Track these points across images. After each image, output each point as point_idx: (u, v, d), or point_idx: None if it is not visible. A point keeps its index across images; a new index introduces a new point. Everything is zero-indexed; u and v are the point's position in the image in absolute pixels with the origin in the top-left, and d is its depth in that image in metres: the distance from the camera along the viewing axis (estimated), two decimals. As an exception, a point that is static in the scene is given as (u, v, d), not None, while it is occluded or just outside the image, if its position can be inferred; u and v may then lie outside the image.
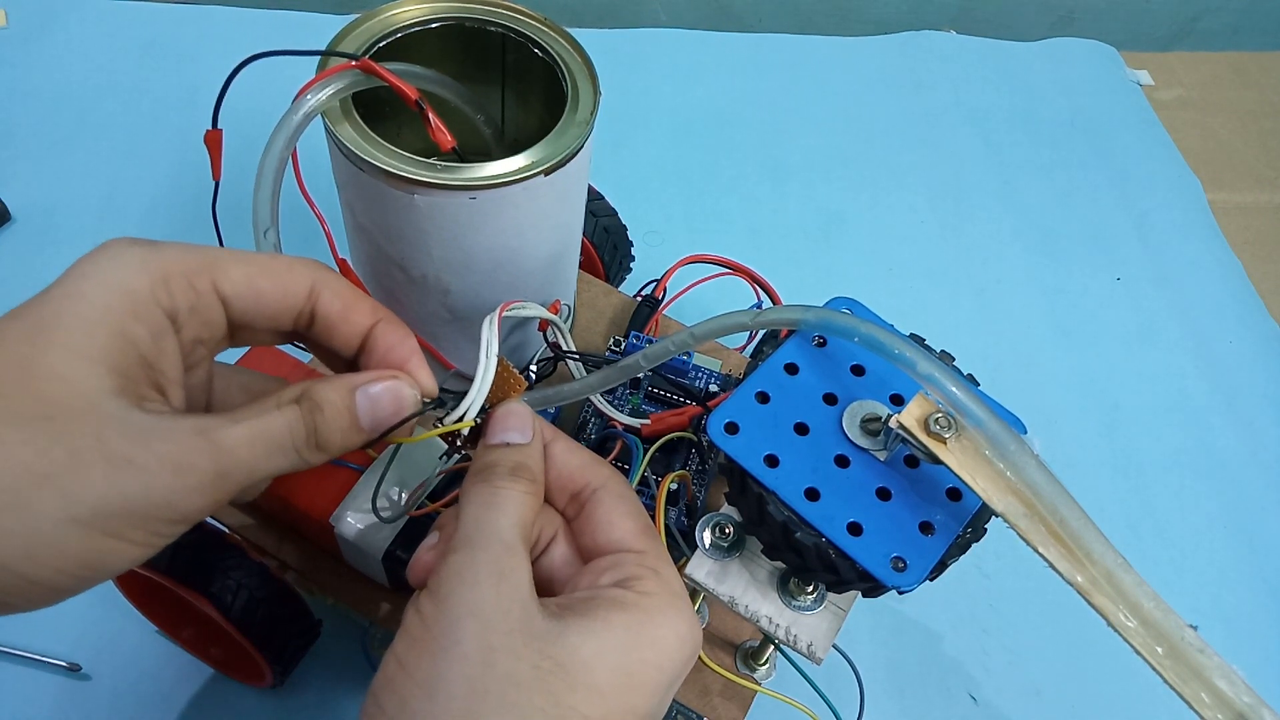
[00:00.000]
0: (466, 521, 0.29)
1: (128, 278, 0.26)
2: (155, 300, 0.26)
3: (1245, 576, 0.60)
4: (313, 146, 0.38)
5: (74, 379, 0.24)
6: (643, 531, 0.31)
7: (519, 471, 0.31)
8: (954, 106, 0.86)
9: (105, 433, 0.24)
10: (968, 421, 0.31)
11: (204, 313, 0.28)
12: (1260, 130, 0.89)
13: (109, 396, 0.24)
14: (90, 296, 0.25)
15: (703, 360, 0.48)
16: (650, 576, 0.29)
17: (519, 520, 0.29)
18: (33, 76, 0.72)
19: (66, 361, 0.24)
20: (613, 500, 0.32)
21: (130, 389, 0.25)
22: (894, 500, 0.32)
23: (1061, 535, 0.30)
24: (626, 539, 0.31)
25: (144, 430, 0.25)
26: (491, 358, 0.33)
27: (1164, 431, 0.66)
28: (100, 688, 0.48)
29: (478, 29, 0.42)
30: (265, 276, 0.29)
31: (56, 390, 0.24)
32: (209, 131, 0.36)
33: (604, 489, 0.32)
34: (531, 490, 0.30)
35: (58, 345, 0.24)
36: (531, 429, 0.32)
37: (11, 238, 0.63)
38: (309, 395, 0.28)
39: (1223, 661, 0.28)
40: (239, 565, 0.41)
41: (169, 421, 0.25)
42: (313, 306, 0.30)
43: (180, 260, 0.27)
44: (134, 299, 0.26)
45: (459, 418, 0.32)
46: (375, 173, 0.37)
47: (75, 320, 0.25)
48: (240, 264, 0.29)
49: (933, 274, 0.73)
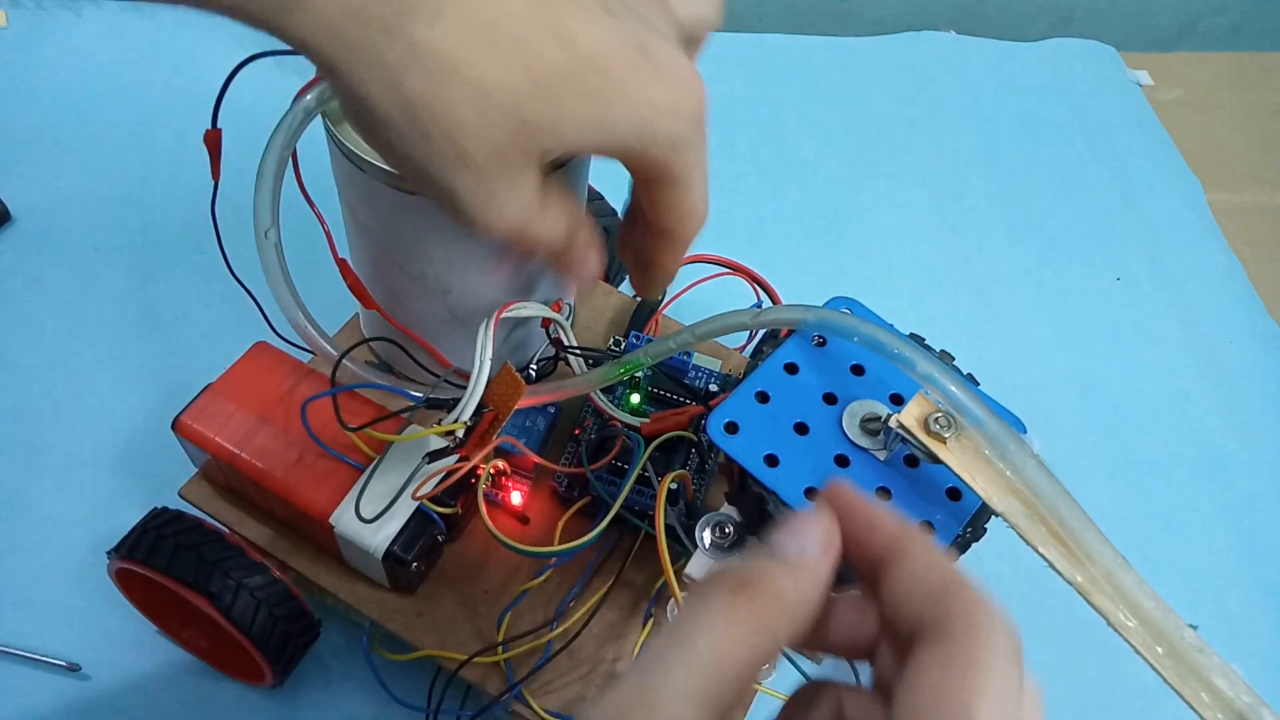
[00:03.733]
0: (642, 654, 0.21)
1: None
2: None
3: (1245, 576, 0.60)
4: (313, 146, 0.38)
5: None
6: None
7: (750, 590, 0.21)
8: (954, 106, 0.86)
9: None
10: (967, 421, 0.31)
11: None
12: (1260, 130, 0.89)
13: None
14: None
15: (703, 360, 0.48)
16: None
17: (709, 670, 0.20)
18: (32, 77, 0.72)
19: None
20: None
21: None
22: (894, 500, 0.32)
23: (1061, 535, 0.30)
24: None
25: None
26: (486, 360, 0.33)
27: (1163, 431, 0.66)
28: (100, 687, 0.47)
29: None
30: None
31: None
32: (209, 131, 0.36)
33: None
34: (756, 624, 0.21)
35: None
36: (817, 543, 0.23)
37: (12, 238, 0.63)
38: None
39: (1222, 661, 0.28)
40: (239, 565, 0.41)
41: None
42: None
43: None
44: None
45: (454, 419, 0.32)
46: (375, 172, 0.37)
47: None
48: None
49: (932, 274, 0.73)
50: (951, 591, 0.21)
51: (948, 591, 0.21)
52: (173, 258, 0.64)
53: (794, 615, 0.22)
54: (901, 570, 0.22)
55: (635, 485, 0.40)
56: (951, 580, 0.21)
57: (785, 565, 0.22)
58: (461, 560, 0.44)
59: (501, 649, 0.40)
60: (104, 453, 0.55)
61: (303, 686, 0.48)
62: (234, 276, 0.41)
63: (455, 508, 0.41)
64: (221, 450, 0.41)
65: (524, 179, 0.27)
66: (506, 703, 0.40)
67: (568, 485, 0.44)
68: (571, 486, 0.44)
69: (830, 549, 0.23)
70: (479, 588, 0.43)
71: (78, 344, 0.59)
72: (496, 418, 0.35)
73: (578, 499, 0.44)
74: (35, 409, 0.56)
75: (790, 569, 0.22)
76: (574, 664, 0.41)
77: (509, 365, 0.33)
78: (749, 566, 0.22)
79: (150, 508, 0.44)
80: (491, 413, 0.34)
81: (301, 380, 0.43)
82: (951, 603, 0.20)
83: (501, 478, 0.44)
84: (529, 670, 0.40)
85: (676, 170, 0.29)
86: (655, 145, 0.28)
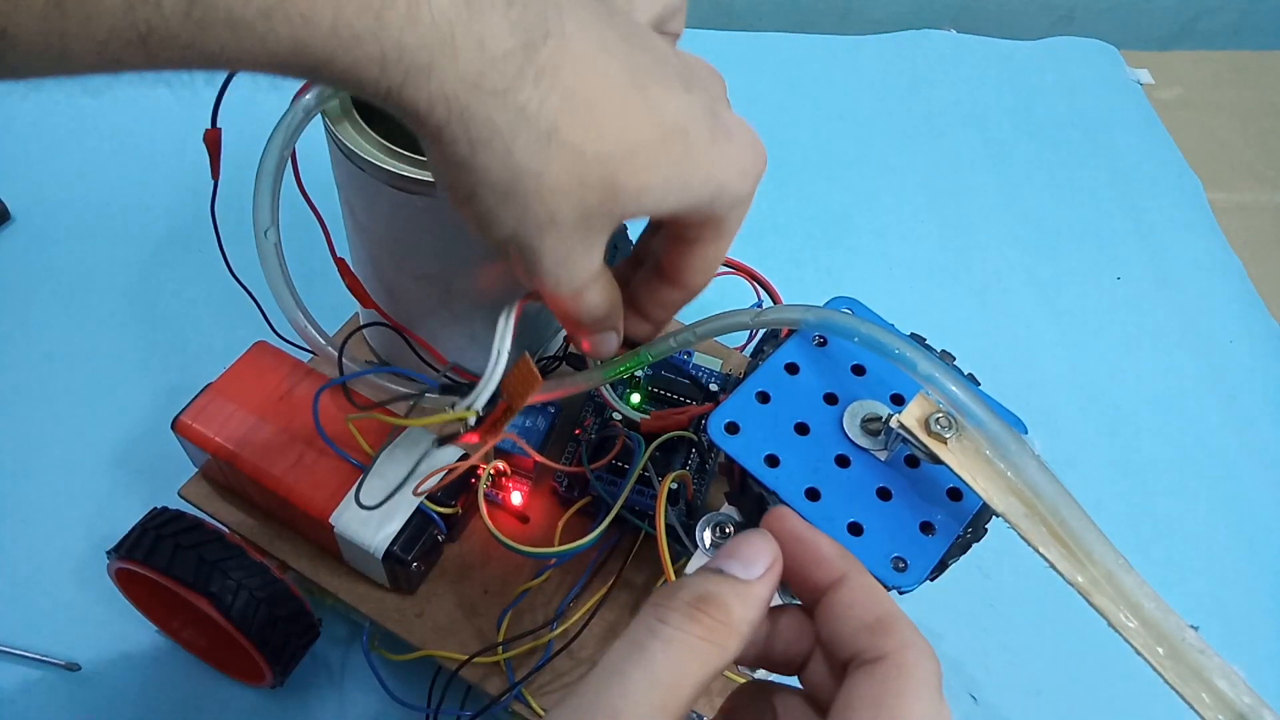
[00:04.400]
0: (601, 665, 0.23)
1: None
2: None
3: (1245, 576, 0.60)
4: (312, 146, 0.38)
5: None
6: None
7: (703, 607, 0.23)
8: (954, 105, 0.86)
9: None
10: (968, 421, 0.31)
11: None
12: (1260, 130, 0.89)
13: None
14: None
15: (703, 360, 0.48)
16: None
17: (665, 684, 0.22)
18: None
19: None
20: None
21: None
22: (894, 500, 0.32)
23: (1062, 535, 0.29)
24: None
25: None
26: (505, 349, 0.33)
27: (1164, 431, 0.66)
28: (100, 687, 0.47)
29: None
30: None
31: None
32: (208, 131, 0.36)
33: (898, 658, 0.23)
34: (709, 641, 0.23)
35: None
36: (763, 565, 0.25)
37: (11, 237, 0.63)
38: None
39: (1223, 662, 0.28)
40: (239, 565, 0.40)
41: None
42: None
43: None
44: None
45: (468, 405, 0.32)
46: (375, 172, 0.36)
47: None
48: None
49: (933, 273, 0.73)
50: (887, 622, 0.23)
51: (884, 622, 0.23)
52: (172, 257, 0.64)
53: (742, 632, 0.23)
54: (842, 598, 0.24)
55: (635, 485, 0.40)
56: (887, 612, 0.24)
57: (735, 585, 0.24)
58: (461, 560, 0.44)
59: (501, 649, 0.40)
60: (103, 452, 0.55)
61: (303, 686, 0.48)
62: (233, 276, 0.41)
63: (455, 508, 0.41)
64: (221, 450, 0.41)
65: (598, 244, 0.29)
66: (506, 703, 0.40)
67: (568, 485, 0.44)
68: (571, 486, 0.44)
69: (774, 571, 0.25)
70: (479, 588, 0.43)
71: (77, 343, 0.59)
72: (508, 409, 0.35)
73: (578, 499, 0.44)
74: (35, 409, 0.56)
75: (739, 589, 0.24)
76: (574, 664, 0.41)
77: (528, 357, 0.33)
78: (701, 585, 0.24)
79: (150, 507, 0.44)
80: (504, 403, 0.35)
81: (301, 380, 0.43)
82: (888, 633, 0.23)
83: (501, 478, 0.44)
84: (529, 670, 0.40)
85: (729, 226, 0.31)
86: (721, 202, 0.30)
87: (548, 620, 0.42)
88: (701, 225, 0.31)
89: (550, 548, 0.40)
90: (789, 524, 0.26)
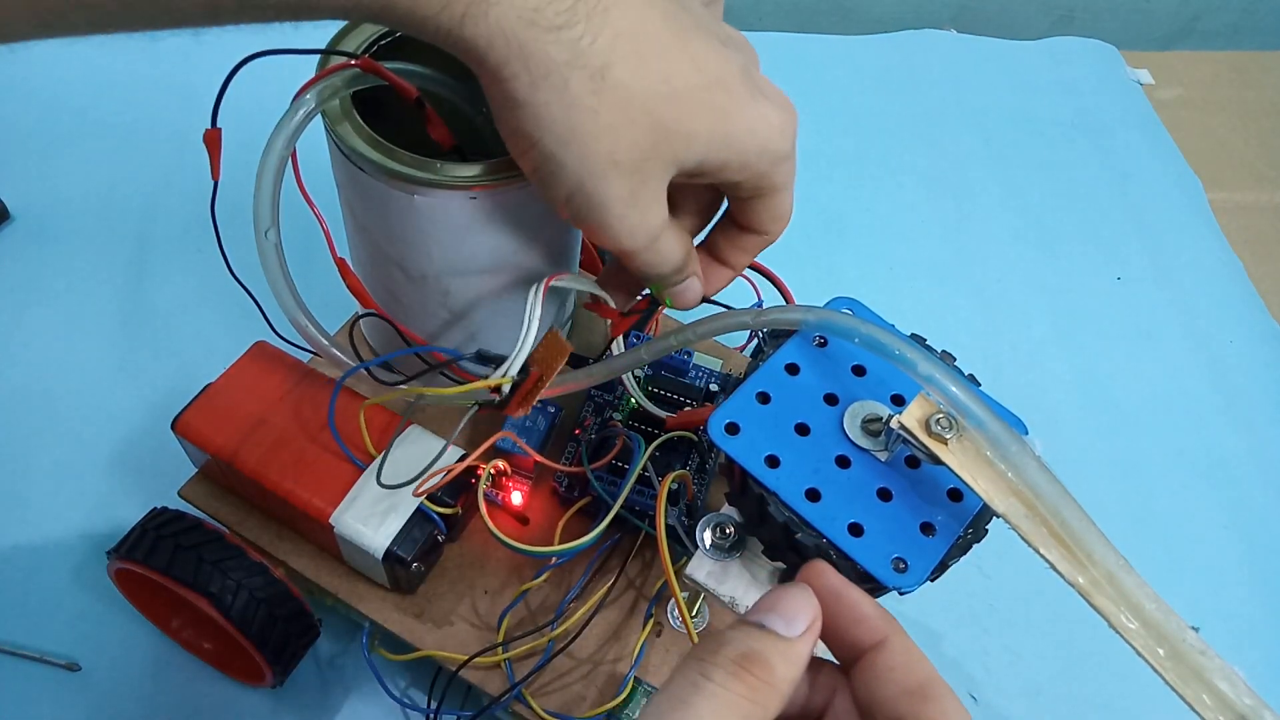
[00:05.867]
0: (652, 713, 0.23)
1: None
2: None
3: (1246, 577, 0.60)
4: (312, 146, 0.38)
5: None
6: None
7: (748, 665, 0.23)
8: (954, 105, 0.86)
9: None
10: (969, 422, 0.31)
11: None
12: (1260, 129, 0.89)
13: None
14: None
15: (703, 359, 0.48)
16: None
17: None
18: (32, 75, 0.72)
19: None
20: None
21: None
22: (895, 501, 0.32)
23: (1063, 536, 0.29)
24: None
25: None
26: (535, 319, 0.36)
27: (1164, 431, 0.66)
28: (99, 687, 0.47)
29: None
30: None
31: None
32: (208, 131, 0.36)
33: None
34: (752, 701, 0.23)
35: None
36: (804, 622, 0.24)
37: (10, 237, 0.63)
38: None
39: (1224, 663, 0.28)
40: (239, 565, 0.40)
41: None
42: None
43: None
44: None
45: (502, 374, 0.35)
46: (375, 172, 0.36)
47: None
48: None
49: (933, 273, 0.73)
50: (929, 690, 0.24)
51: (925, 689, 0.24)
52: (172, 257, 0.64)
53: (784, 692, 0.23)
54: (884, 660, 0.24)
55: (636, 485, 0.40)
56: (929, 678, 0.24)
57: (778, 643, 0.24)
58: (461, 560, 0.43)
59: (502, 649, 0.40)
60: (103, 452, 0.55)
61: (303, 687, 0.48)
62: (234, 276, 0.41)
63: (455, 508, 0.41)
64: (221, 450, 0.41)
65: (659, 191, 0.31)
66: (507, 703, 0.40)
67: (568, 485, 0.44)
68: (572, 486, 0.44)
69: (814, 629, 0.24)
70: (479, 588, 0.43)
71: (77, 343, 0.59)
72: (541, 378, 0.36)
73: (578, 499, 0.44)
74: (34, 409, 0.56)
75: (782, 648, 0.24)
76: (574, 664, 0.41)
77: (555, 330, 0.35)
78: (745, 641, 0.24)
79: (150, 508, 0.43)
80: (536, 372, 0.37)
81: (301, 380, 0.43)
82: (929, 701, 0.23)
83: (501, 478, 0.44)
84: (529, 671, 0.40)
85: (780, 180, 0.34)
86: (765, 157, 0.32)
87: (548, 620, 0.42)
88: (757, 181, 0.33)
89: (550, 547, 0.40)
90: (828, 580, 0.26)
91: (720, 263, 0.38)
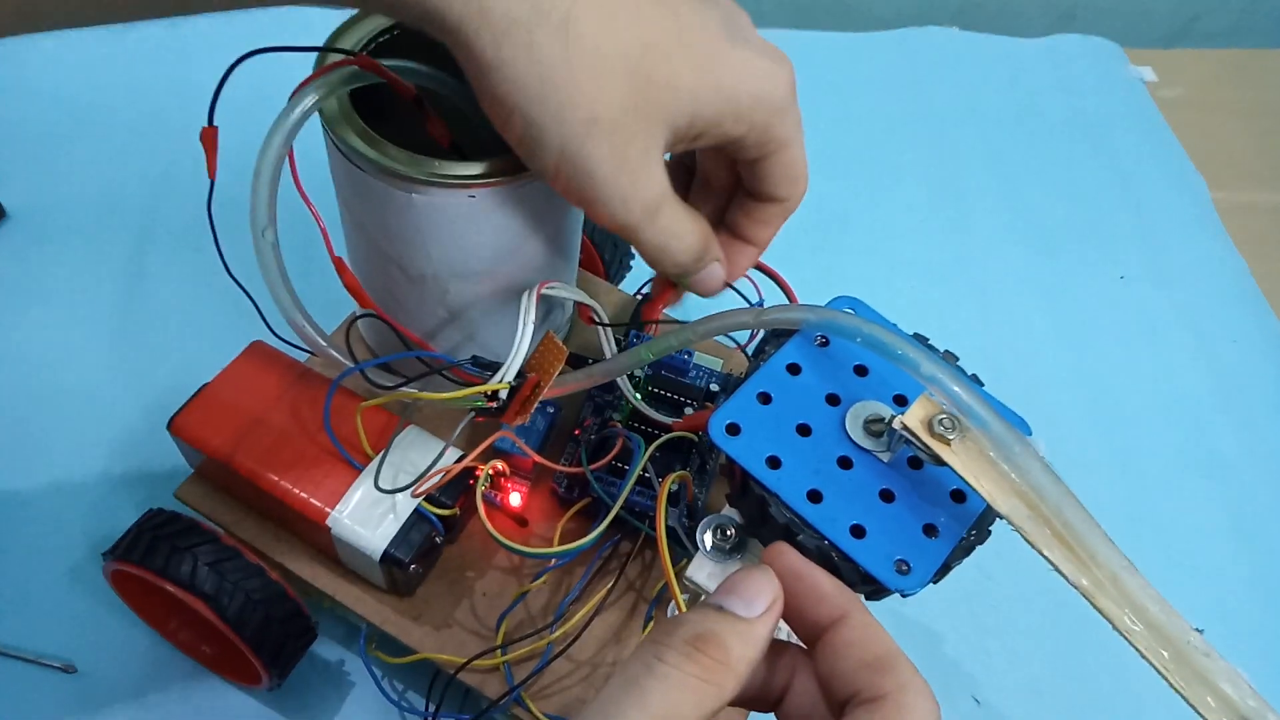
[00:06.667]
0: (598, 700, 0.22)
1: None
2: None
3: (1248, 578, 0.59)
4: (310, 145, 0.38)
5: None
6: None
7: (702, 646, 0.23)
8: (956, 103, 0.85)
9: None
10: (972, 423, 0.30)
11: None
12: (1265, 128, 0.88)
13: None
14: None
15: (703, 359, 0.47)
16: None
17: (660, 718, 0.22)
18: (28, 74, 0.72)
19: None
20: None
21: None
22: (897, 502, 0.32)
23: (1066, 538, 0.29)
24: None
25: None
26: (529, 324, 0.35)
27: (1167, 431, 0.66)
28: (96, 689, 0.47)
29: (476, 25, 0.42)
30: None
31: None
32: (205, 129, 0.36)
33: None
34: (707, 681, 0.22)
35: None
36: (764, 603, 0.24)
37: (7, 236, 0.63)
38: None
39: (1228, 665, 0.28)
40: (235, 567, 0.40)
41: None
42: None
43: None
44: None
45: (499, 379, 0.35)
46: (373, 171, 0.36)
47: None
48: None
49: (935, 273, 0.73)
50: (888, 661, 0.23)
51: (884, 661, 0.23)
52: (169, 257, 0.64)
53: (740, 672, 0.23)
54: (843, 636, 0.24)
55: (636, 486, 0.40)
56: (888, 651, 0.24)
57: (735, 624, 0.24)
58: (460, 562, 0.43)
59: (500, 652, 0.40)
60: (99, 453, 0.55)
61: (299, 689, 0.48)
62: (230, 276, 0.41)
63: (453, 509, 0.41)
64: (218, 450, 0.40)
65: (652, 153, 0.29)
66: (506, 706, 0.40)
67: (567, 486, 0.44)
68: (571, 487, 0.44)
69: (775, 609, 0.24)
70: (477, 590, 0.43)
71: (73, 343, 0.59)
72: (539, 383, 0.36)
73: (577, 500, 0.43)
74: (30, 409, 0.56)
75: (739, 628, 0.23)
76: (574, 666, 0.41)
77: (551, 333, 0.35)
78: (700, 623, 0.23)
79: (146, 509, 0.43)
80: (534, 377, 0.36)
81: (298, 380, 0.43)
82: (888, 673, 0.23)
83: (500, 479, 0.43)
84: (528, 673, 0.40)
85: (784, 133, 0.32)
86: (761, 107, 0.30)
87: (547, 622, 0.41)
88: (760, 135, 0.31)
89: (549, 549, 0.39)
90: (789, 560, 0.26)
91: (742, 240, 0.36)
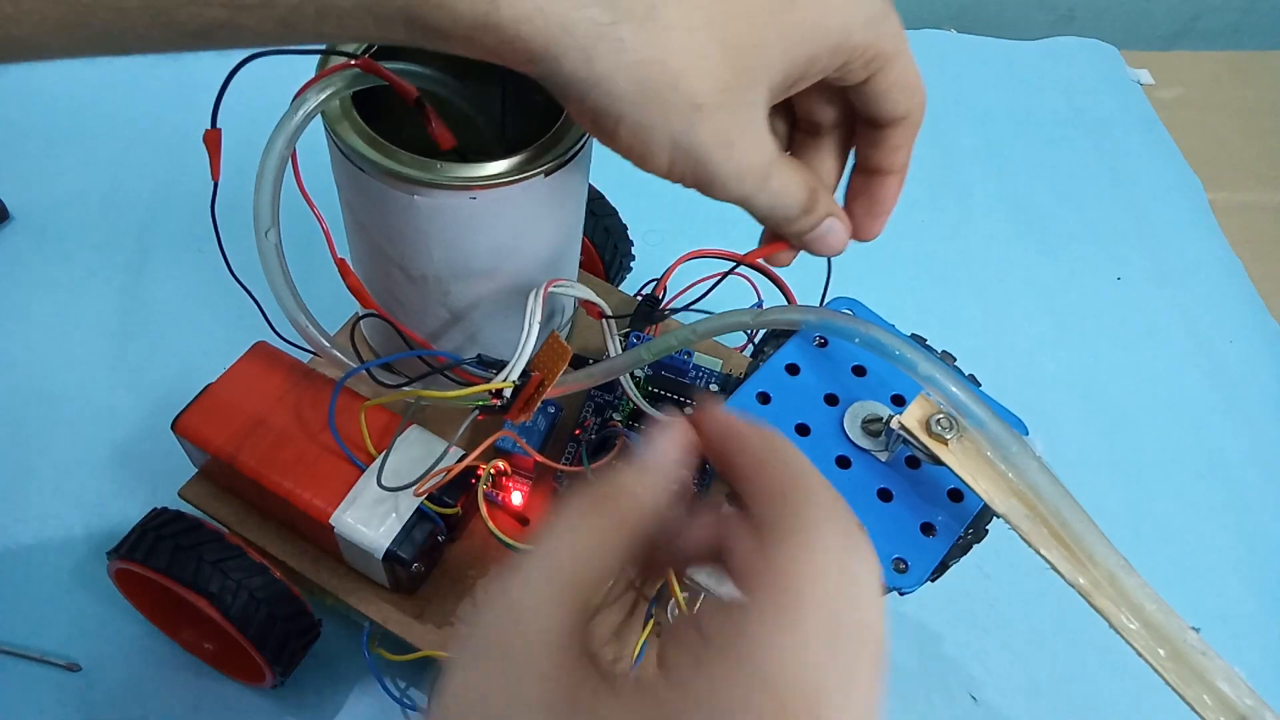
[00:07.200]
0: (510, 562, 0.23)
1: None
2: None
3: (1246, 577, 0.60)
4: (312, 146, 0.38)
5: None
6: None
7: (601, 496, 0.24)
8: (954, 105, 0.86)
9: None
10: (969, 423, 0.31)
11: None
12: (1260, 129, 0.89)
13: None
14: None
15: (703, 360, 0.48)
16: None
17: (567, 567, 0.22)
18: (31, 75, 0.72)
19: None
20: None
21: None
22: (895, 501, 0.32)
23: (1063, 537, 0.29)
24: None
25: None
26: (535, 324, 0.35)
27: (1164, 431, 0.66)
28: (100, 687, 0.47)
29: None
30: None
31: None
32: (208, 131, 0.36)
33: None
34: (609, 520, 0.24)
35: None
36: (667, 450, 0.26)
37: (10, 237, 0.63)
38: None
39: (1225, 664, 0.28)
40: (239, 565, 0.40)
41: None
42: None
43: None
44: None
45: (503, 378, 0.35)
46: (375, 173, 0.36)
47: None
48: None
49: (933, 273, 0.73)
50: (793, 485, 0.24)
51: (788, 488, 0.24)
52: (172, 257, 0.64)
53: (645, 508, 0.24)
54: (760, 475, 0.25)
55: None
56: (795, 476, 0.24)
57: (635, 468, 0.25)
58: (462, 560, 0.43)
59: (502, 650, 0.40)
60: (103, 453, 0.55)
61: (303, 687, 0.48)
62: (234, 276, 0.41)
63: (455, 508, 0.41)
64: (221, 450, 0.41)
65: (758, 120, 0.29)
66: (507, 703, 0.40)
67: (568, 485, 0.44)
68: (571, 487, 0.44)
69: (683, 453, 0.26)
70: (479, 588, 0.43)
71: (77, 343, 0.59)
72: (543, 382, 0.36)
73: (578, 499, 0.44)
74: (34, 409, 0.56)
75: (640, 471, 0.25)
76: (574, 665, 0.41)
77: (556, 333, 0.35)
78: (606, 479, 0.24)
79: (150, 508, 0.43)
80: (538, 376, 0.36)
81: (301, 380, 0.43)
82: (788, 497, 0.23)
83: (502, 478, 0.44)
84: (529, 671, 0.40)
85: (890, 47, 0.30)
86: (853, 29, 0.29)
87: (548, 621, 0.41)
88: (865, 56, 0.30)
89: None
90: (712, 414, 0.26)
91: (879, 172, 0.34)
